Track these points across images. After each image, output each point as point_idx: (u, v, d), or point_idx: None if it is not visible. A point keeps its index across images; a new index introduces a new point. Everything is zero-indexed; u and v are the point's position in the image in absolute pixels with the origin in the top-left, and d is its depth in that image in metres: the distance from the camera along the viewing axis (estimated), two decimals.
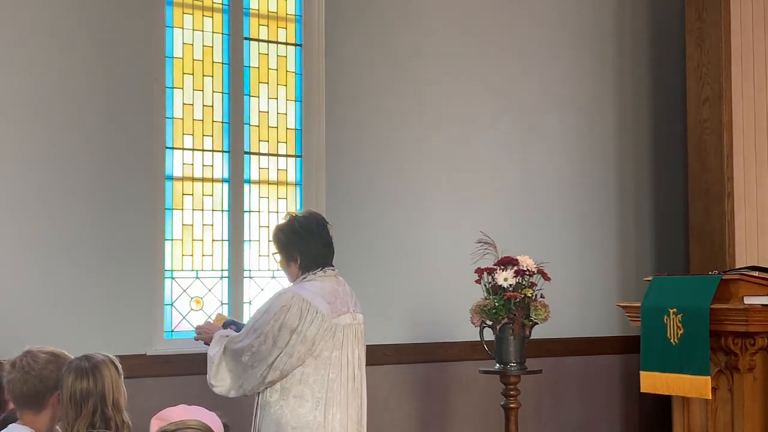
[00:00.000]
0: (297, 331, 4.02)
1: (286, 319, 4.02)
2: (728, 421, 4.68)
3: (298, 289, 4.15)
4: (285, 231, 4.28)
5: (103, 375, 3.14)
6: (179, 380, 5.00)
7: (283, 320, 4.02)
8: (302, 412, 4.05)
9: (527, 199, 6.34)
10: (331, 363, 4.09)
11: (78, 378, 3.11)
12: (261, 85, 5.66)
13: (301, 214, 4.38)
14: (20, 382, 3.17)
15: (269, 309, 4.10)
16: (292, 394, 4.06)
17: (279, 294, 4.22)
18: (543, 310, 5.10)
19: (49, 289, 4.83)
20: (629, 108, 6.80)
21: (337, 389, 4.10)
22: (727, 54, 6.16)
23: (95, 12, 5.03)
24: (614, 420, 6.59)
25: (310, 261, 4.24)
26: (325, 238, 4.29)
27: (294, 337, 4.02)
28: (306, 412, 4.05)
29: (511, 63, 6.34)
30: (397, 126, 5.92)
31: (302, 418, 4.04)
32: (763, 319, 4.52)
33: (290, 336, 4.02)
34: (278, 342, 4.01)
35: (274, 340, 4.02)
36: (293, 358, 4.03)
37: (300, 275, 4.24)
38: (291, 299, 4.08)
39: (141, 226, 5.09)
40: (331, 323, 4.10)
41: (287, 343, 4.01)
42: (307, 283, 4.19)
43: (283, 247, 4.29)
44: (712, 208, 6.22)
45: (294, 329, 4.02)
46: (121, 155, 5.05)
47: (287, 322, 4.02)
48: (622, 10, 6.81)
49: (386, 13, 5.93)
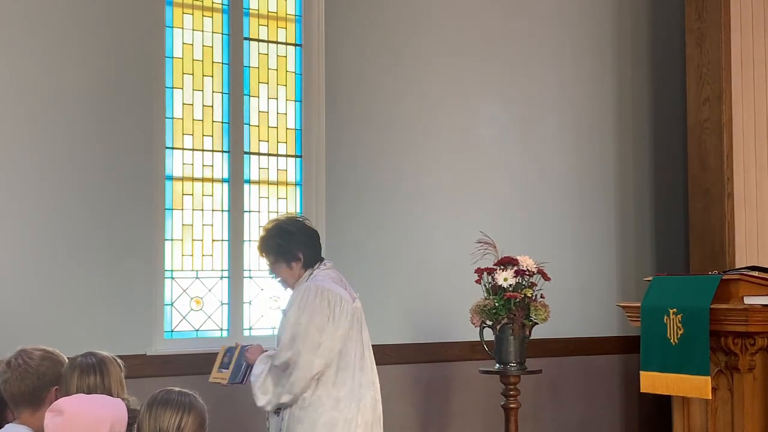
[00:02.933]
0: (331, 319, 4.20)
1: (320, 312, 4.19)
2: (728, 421, 4.67)
3: (317, 282, 4.28)
4: (280, 234, 4.38)
5: (110, 371, 3.15)
6: (179, 380, 4.96)
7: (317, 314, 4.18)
8: (341, 396, 4.23)
9: (527, 199, 6.34)
10: (362, 343, 4.32)
11: (85, 374, 3.11)
12: (261, 85, 5.66)
13: (280, 218, 4.52)
14: (17, 381, 3.17)
15: (301, 310, 4.20)
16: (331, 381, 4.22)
17: (302, 292, 4.27)
18: (543, 310, 5.10)
19: (49, 289, 4.83)
20: (629, 108, 6.80)
21: (368, 368, 4.33)
22: (727, 54, 6.16)
23: (95, 12, 5.02)
24: (614, 420, 6.59)
25: (312, 255, 4.40)
26: (313, 230, 4.48)
27: (329, 326, 4.19)
28: (345, 395, 4.23)
29: (511, 63, 6.34)
30: (397, 126, 5.92)
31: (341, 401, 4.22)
32: (763, 319, 4.51)
33: (326, 326, 4.18)
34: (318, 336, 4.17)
35: (313, 338, 4.17)
36: (335, 344, 4.19)
37: (302, 273, 4.37)
38: (317, 293, 4.22)
39: (141, 226, 5.09)
40: (351, 307, 4.30)
41: (324, 332, 4.18)
42: (318, 277, 4.32)
43: (282, 252, 4.37)
44: (712, 208, 6.22)
45: (329, 319, 4.19)
46: (121, 155, 5.05)
47: (321, 314, 4.19)
48: (622, 10, 6.81)
49: (386, 13, 5.93)
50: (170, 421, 2.82)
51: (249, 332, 5.50)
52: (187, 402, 2.89)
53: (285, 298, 5.61)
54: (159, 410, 2.83)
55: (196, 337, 5.35)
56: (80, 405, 2.80)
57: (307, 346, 4.16)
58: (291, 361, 4.18)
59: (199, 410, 2.91)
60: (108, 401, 2.87)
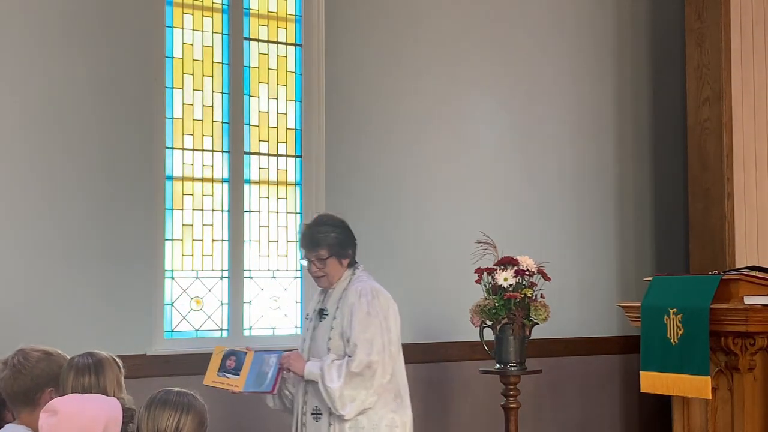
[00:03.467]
0: (396, 321, 4.24)
1: (388, 315, 4.21)
2: (728, 421, 4.67)
3: (372, 283, 4.29)
4: (339, 228, 4.33)
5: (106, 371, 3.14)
6: (179, 380, 4.96)
7: (389, 318, 4.21)
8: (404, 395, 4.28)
9: (527, 199, 6.34)
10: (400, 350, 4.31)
11: (80, 374, 3.11)
12: (261, 85, 5.66)
13: (328, 214, 4.48)
14: (11, 380, 3.17)
15: (370, 314, 4.17)
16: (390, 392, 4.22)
17: (365, 297, 4.22)
18: (543, 310, 5.10)
19: (49, 289, 4.83)
20: (629, 108, 6.80)
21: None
22: (727, 54, 6.16)
23: (95, 12, 5.02)
24: (614, 420, 6.59)
25: (354, 255, 4.39)
26: None
27: (394, 327, 4.22)
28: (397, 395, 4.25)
29: (511, 63, 6.34)
30: (396, 126, 5.92)
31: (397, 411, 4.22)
32: (763, 319, 4.51)
33: (395, 328, 4.22)
34: (391, 336, 4.19)
35: (388, 337, 4.17)
36: (397, 347, 4.23)
37: (344, 271, 4.34)
38: (380, 297, 4.22)
39: (141, 226, 5.09)
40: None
41: (393, 332, 4.21)
42: (363, 277, 4.32)
43: (341, 245, 4.31)
44: (712, 209, 6.22)
45: (395, 321, 4.23)
46: (121, 155, 5.05)
47: (389, 317, 4.21)
48: (622, 10, 6.81)
49: (386, 13, 5.93)
50: (168, 421, 2.81)
51: (249, 332, 5.50)
52: (185, 402, 2.88)
53: (285, 297, 5.62)
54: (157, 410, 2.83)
55: (196, 337, 5.35)
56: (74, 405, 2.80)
57: (383, 349, 4.13)
58: (372, 365, 4.10)
59: (198, 410, 2.90)
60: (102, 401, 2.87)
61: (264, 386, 4.26)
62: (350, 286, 4.27)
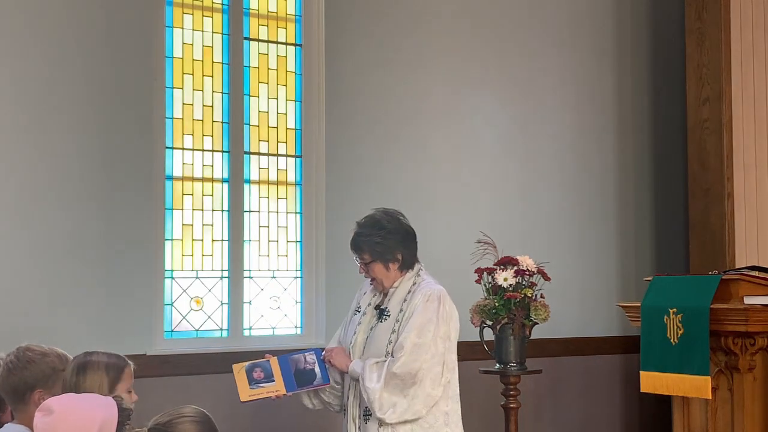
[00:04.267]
0: (456, 330, 4.08)
1: (454, 328, 4.06)
2: (728, 421, 4.67)
3: (439, 287, 4.09)
4: (378, 233, 4.09)
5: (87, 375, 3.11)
6: (179, 380, 5.00)
7: (451, 327, 4.04)
8: (448, 410, 4.07)
9: (527, 199, 6.34)
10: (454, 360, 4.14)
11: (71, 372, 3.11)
12: (261, 85, 5.66)
13: (380, 212, 4.19)
14: (3, 378, 3.19)
15: (431, 321, 3.98)
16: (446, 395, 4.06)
17: (438, 301, 4.04)
18: (543, 310, 5.10)
19: (49, 288, 4.83)
20: (629, 108, 6.80)
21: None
22: (727, 54, 6.16)
23: (95, 12, 5.02)
24: (614, 420, 6.59)
25: (411, 257, 4.15)
26: (411, 228, 4.22)
27: (454, 334, 4.07)
28: (452, 410, 4.08)
29: (510, 63, 6.34)
30: (397, 126, 5.92)
31: (449, 416, 4.06)
32: (763, 319, 4.51)
33: (454, 336, 4.06)
34: (450, 345, 4.03)
35: (445, 346, 4.00)
36: (456, 357, 4.06)
37: (399, 275, 4.11)
38: (443, 301, 4.04)
39: (141, 226, 5.09)
40: None
41: (451, 339, 4.04)
42: (428, 278, 4.14)
43: (381, 251, 4.08)
44: (712, 208, 6.22)
45: (455, 330, 4.07)
46: (121, 155, 5.05)
47: (454, 330, 4.05)
48: (622, 10, 6.81)
49: (386, 12, 5.93)
50: None
51: (249, 332, 5.50)
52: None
53: (285, 297, 5.61)
54: None
55: (196, 337, 5.35)
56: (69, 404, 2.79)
57: (434, 359, 3.94)
58: (417, 372, 3.91)
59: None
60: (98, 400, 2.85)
61: (317, 381, 4.16)
62: (417, 289, 4.07)
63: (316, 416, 4.69)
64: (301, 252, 5.68)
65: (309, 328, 5.62)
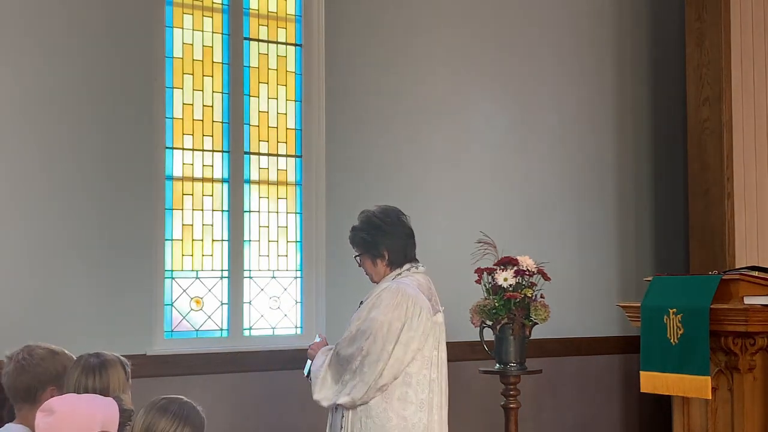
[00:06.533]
0: (406, 329, 3.92)
1: (395, 318, 3.92)
2: (728, 421, 4.67)
3: (401, 285, 4.01)
4: (366, 229, 4.14)
5: (110, 374, 3.13)
6: (179, 380, 5.00)
7: (392, 319, 3.91)
8: (407, 414, 3.95)
9: (527, 199, 6.34)
10: (432, 362, 4.01)
11: (84, 374, 3.11)
12: (261, 85, 5.66)
13: (376, 208, 4.21)
14: (14, 376, 3.19)
15: (376, 308, 3.95)
16: (395, 396, 3.95)
17: (384, 291, 4.01)
18: (543, 310, 5.10)
19: (49, 289, 4.83)
20: (629, 108, 6.80)
21: (437, 390, 4.04)
22: (727, 54, 6.16)
23: (95, 12, 5.02)
24: (614, 420, 6.59)
25: (398, 254, 4.14)
26: (408, 228, 4.21)
27: (403, 335, 3.92)
28: (411, 414, 3.95)
29: (510, 63, 6.34)
30: (396, 126, 5.92)
31: (408, 420, 3.94)
32: (763, 319, 4.51)
33: (400, 334, 3.91)
34: (389, 342, 3.90)
35: (383, 342, 3.90)
36: (406, 356, 3.93)
37: (389, 272, 4.12)
38: (397, 296, 3.96)
39: (141, 226, 5.09)
40: (432, 321, 4.03)
41: (397, 341, 3.90)
42: (406, 279, 4.07)
43: (367, 246, 4.13)
44: (712, 208, 6.22)
45: (403, 327, 3.92)
46: (121, 155, 5.05)
47: (396, 320, 3.92)
48: (622, 10, 6.81)
49: (386, 12, 5.93)
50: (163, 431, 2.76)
51: (249, 332, 5.50)
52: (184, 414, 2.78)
53: (285, 297, 5.62)
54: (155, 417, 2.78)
55: (196, 337, 5.35)
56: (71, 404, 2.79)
57: (375, 352, 3.88)
58: (354, 358, 3.91)
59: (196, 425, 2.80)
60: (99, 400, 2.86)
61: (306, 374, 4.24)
62: (383, 284, 4.08)
63: (316, 415, 4.68)
64: (301, 252, 5.68)
65: (309, 328, 5.61)
